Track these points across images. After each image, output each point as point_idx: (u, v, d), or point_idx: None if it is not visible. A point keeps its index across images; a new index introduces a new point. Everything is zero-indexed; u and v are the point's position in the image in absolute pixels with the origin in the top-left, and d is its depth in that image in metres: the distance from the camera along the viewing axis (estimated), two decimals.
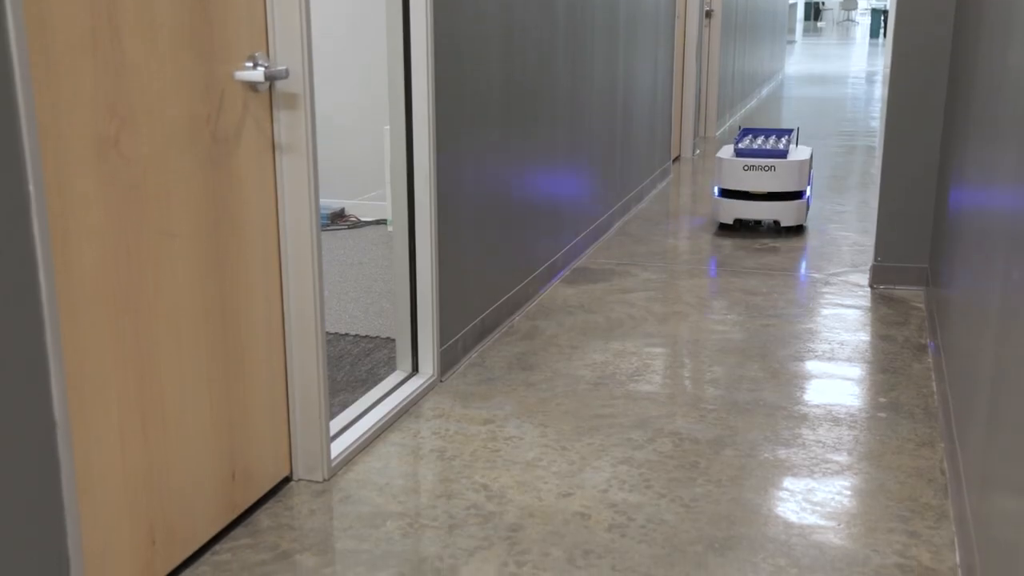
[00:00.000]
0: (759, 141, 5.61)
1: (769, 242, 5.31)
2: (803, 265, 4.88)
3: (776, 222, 5.37)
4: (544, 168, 4.37)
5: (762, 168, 5.23)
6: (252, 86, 2.40)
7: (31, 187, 1.69)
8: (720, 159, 5.37)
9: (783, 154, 5.28)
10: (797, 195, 5.36)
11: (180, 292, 2.18)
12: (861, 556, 2.34)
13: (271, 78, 2.36)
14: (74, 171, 1.86)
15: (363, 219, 5.92)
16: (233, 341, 2.39)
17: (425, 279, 3.29)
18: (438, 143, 3.28)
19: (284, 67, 2.41)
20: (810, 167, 5.46)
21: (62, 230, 1.84)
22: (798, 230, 5.48)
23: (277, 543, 2.40)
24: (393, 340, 3.78)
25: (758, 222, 5.46)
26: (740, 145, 5.43)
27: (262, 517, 2.52)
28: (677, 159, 8.27)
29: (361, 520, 2.51)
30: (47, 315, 1.74)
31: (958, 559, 2.31)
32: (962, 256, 3.00)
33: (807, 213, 5.57)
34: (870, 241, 5.39)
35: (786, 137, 5.75)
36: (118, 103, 1.96)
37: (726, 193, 5.41)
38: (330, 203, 6.00)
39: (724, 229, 5.46)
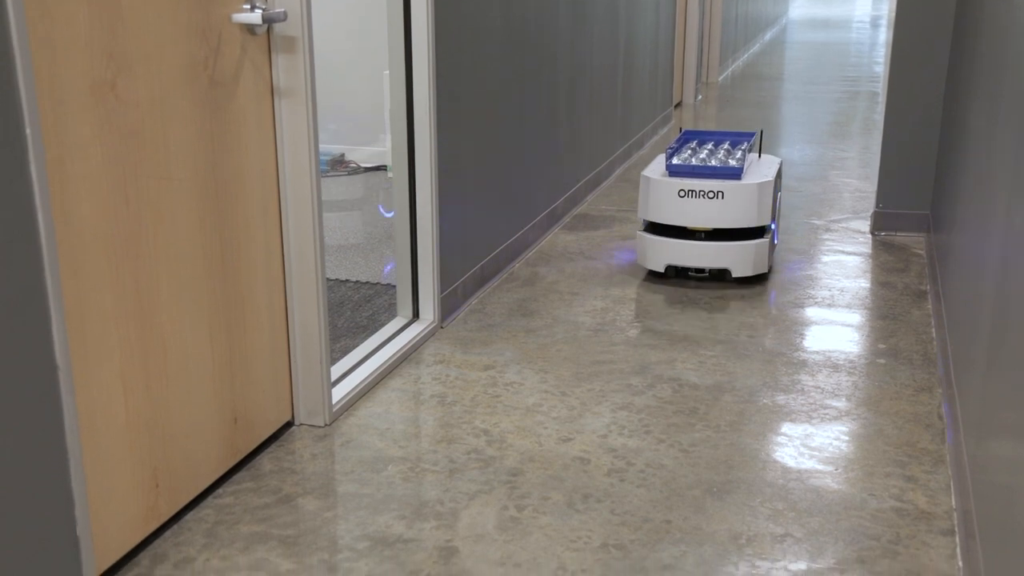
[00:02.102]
0: (704, 153, 3.92)
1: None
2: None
3: (725, 271, 3.78)
4: (544, 114, 4.34)
5: (705, 194, 3.63)
6: (250, 29, 2.37)
7: (28, 131, 1.68)
8: (646, 179, 3.75)
9: (736, 173, 3.65)
10: (757, 233, 3.75)
11: (180, 237, 2.18)
12: (858, 500, 2.36)
13: (269, 20, 2.33)
14: (71, 115, 1.84)
15: (363, 165, 5.89)
16: (233, 287, 2.39)
17: (425, 226, 3.29)
18: (438, 89, 3.25)
19: (282, 9, 2.38)
20: (777, 187, 3.87)
21: (60, 175, 1.83)
22: (759, 278, 3.88)
23: (279, 487, 2.42)
24: (393, 286, 3.78)
25: (700, 270, 3.81)
26: (675, 159, 3.80)
27: (264, 461, 2.54)
28: (679, 105, 8.21)
29: (362, 464, 2.53)
30: (47, 260, 1.74)
31: (954, 503, 2.34)
32: (964, 203, 2.99)
33: (772, 255, 3.91)
34: (872, 187, 5.37)
35: (745, 144, 4.10)
36: (114, 46, 1.94)
37: (654, 228, 3.83)
38: (329, 149, 5.96)
39: (655, 276, 3.90)
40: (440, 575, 2.08)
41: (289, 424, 2.72)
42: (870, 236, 4.48)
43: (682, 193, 3.66)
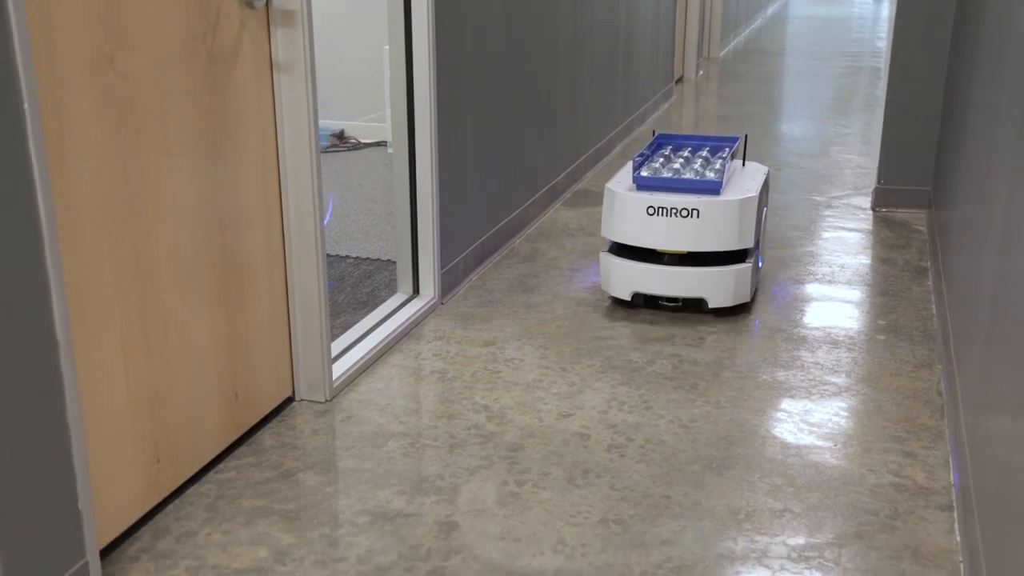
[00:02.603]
0: (678, 162, 3.37)
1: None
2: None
3: (702, 301, 3.26)
4: (545, 90, 4.32)
5: (678, 212, 3.14)
6: (248, 3, 2.35)
7: (26, 105, 1.67)
8: (610, 192, 3.26)
9: (714, 187, 3.16)
10: (738, 257, 3.25)
11: (179, 212, 2.17)
12: (857, 475, 2.37)
13: None
14: (69, 89, 1.84)
15: (363, 141, 5.88)
16: (233, 262, 2.39)
17: (426, 201, 3.28)
18: (438, 64, 3.23)
19: None
20: (763, 202, 3.38)
21: (58, 149, 1.82)
22: (738, 309, 3.35)
23: (280, 462, 2.43)
24: (394, 262, 3.78)
25: (673, 299, 3.30)
26: (643, 171, 3.30)
27: (265, 436, 2.55)
28: (680, 80, 8.17)
29: (363, 440, 2.53)
30: (46, 235, 1.73)
31: (952, 478, 2.34)
32: (965, 179, 2.98)
33: (755, 282, 3.36)
34: (873, 164, 5.36)
35: (726, 151, 3.47)
36: (112, 20, 1.93)
37: (621, 250, 3.32)
38: (329, 124, 5.95)
39: (621, 303, 3.40)
40: (440, 550, 2.09)
41: (290, 400, 2.73)
42: (871, 212, 4.48)
43: (651, 210, 3.16)
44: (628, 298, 3.28)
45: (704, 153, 3.54)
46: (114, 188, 1.97)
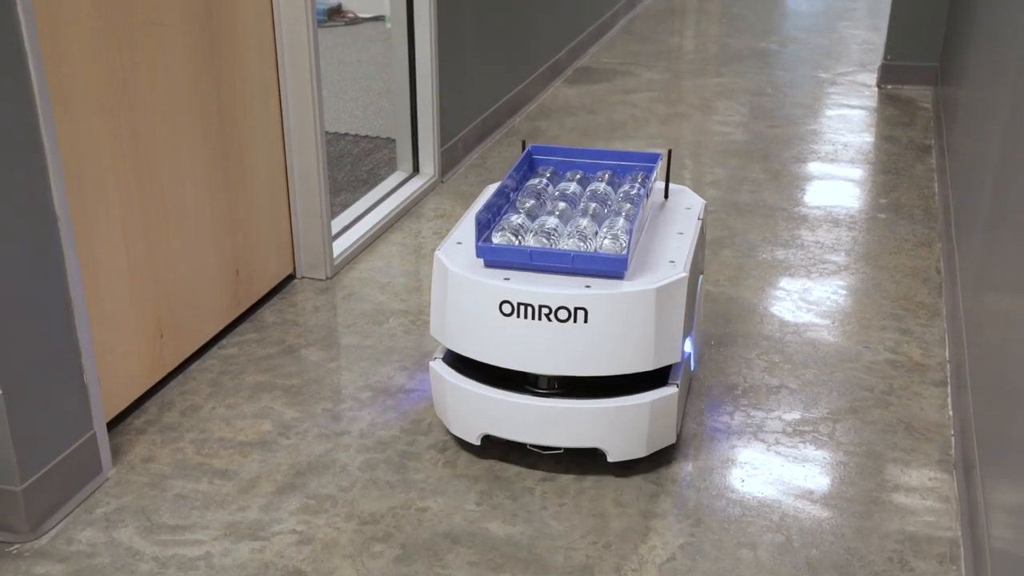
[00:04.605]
0: (558, 207, 2.03)
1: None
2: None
3: (599, 452, 1.94)
4: None
5: (553, 313, 1.81)
6: None
7: None
8: (442, 268, 1.92)
9: (615, 266, 1.83)
10: (653, 379, 1.93)
11: (175, 86, 2.14)
12: (853, 352, 2.39)
13: None
14: None
15: (361, 15, 5.75)
16: (231, 138, 2.36)
17: (425, 78, 3.22)
18: None
19: None
20: (696, 272, 2.05)
21: (49, 19, 1.78)
22: (663, 456, 2.01)
23: (283, 338, 2.45)
24: (393, 140, 3.74)
25: (547, 449, 1.97)
26: (496, 234, 1.93)
27: (267, 314, 2.56)
28: None
29: (364, 317, 2.55)
30: (40, 110, 1.71)
31: (947, 354, 2.37)
32: (974, 54, 2.93)
33: (682, 415, 2.06)
34: (880, 40, 5.25)
35: (638, 183, 2.13)
36: None
37: (463, 364, 2.00)
38: None
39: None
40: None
41: (291, 277, 2.73)
42: (876, 89, 4.41)
43: (508, 308, 1.83)
44: (475, 441, 1.99)
45: (601, 186, 2.13)
46: (106, 58, 1.93)
